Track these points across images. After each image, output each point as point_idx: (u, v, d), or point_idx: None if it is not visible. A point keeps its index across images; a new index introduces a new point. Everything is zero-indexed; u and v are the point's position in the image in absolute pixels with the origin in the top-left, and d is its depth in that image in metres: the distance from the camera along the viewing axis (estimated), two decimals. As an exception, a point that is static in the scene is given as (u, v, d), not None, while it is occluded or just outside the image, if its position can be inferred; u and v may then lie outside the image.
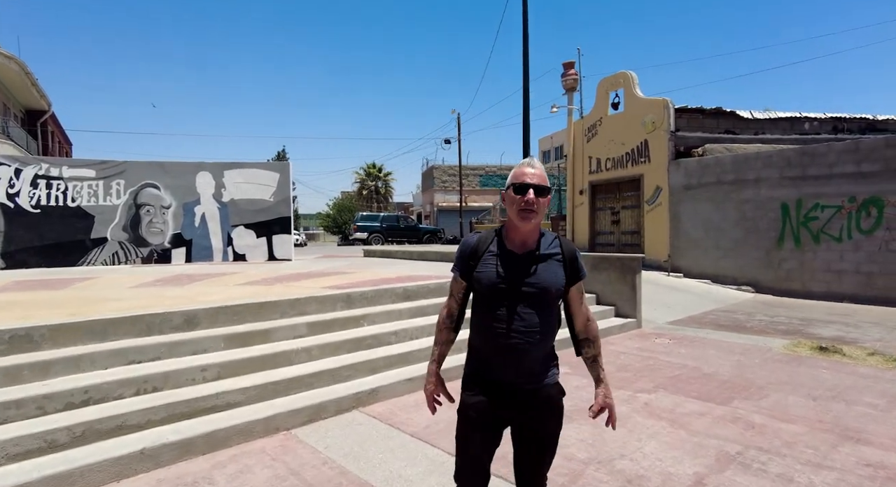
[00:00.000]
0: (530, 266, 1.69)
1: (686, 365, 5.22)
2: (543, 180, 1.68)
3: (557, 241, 1.77)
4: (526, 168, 1.69)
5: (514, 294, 1.66)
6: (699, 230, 11.72)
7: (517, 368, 1.68)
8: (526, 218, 1.65)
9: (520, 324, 1.65)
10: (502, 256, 1.71)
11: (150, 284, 6.21)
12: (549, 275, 1.69)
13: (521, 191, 1.65)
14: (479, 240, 1.80)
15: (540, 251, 1.72)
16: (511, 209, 1.70)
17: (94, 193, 9.35)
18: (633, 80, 13.23)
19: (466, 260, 1.77)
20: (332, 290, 5.41)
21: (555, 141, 38.66)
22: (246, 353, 4.05)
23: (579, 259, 1.78)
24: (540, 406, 1.73)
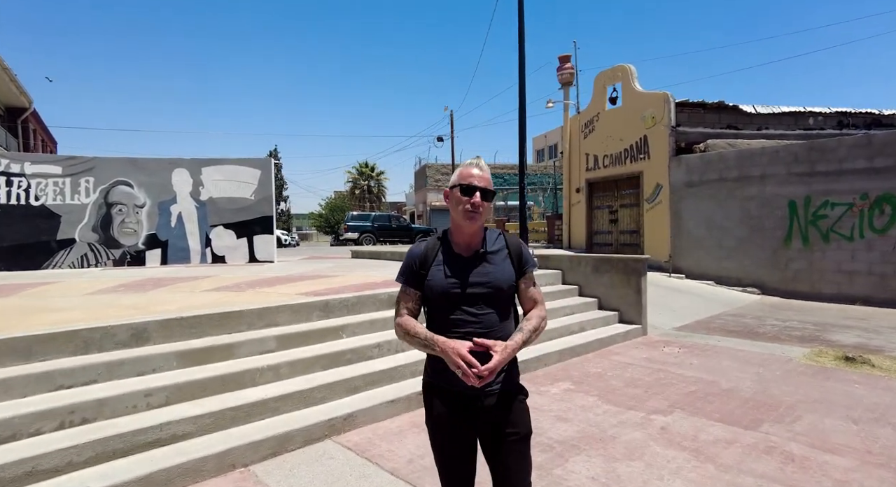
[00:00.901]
0: (479, 265, 1.71)
1: (701, 378, 4.72)
2: (489, 183, 1.72)
3: (502, 238, 1.80)
4: (473, 169, 1.71)
5: (467, 296, 1.67)
6: (701, 229, 11.25)
7: None
8: (471, 219, 1.67)
9: (478, 327, 1.65)
10: (450, 261, 1.72)
11: (109, 290, 5.64)
12: (500, 272, 1.71)
13: (467, 193, 1.67)
14: (426, 248, 1.78)
15: (486, 249, 1.73)
16: (455, 210, 1.71)
17: (61, 191, 8.72)
18: (631, 73, 12.75)
19: (416, 271, 1.75)
20: (308, 297, 4.86)
21: (549, 139, 38.24)
22: (202, 373, 3.50)
23: (525, 251, 1.81)
24: (504, 410, 1.69)
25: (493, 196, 1.73)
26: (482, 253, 1.73)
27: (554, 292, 6.84)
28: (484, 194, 1.68)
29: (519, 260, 1.77)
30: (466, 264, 1.71)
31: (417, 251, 1.79)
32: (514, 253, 1.77)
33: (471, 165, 1.73)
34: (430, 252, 1.76)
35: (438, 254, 1.74)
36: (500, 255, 1.75)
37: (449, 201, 1.75)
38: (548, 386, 4.59)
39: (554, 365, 5.24)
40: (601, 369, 5.13)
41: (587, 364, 5.34)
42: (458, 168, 1.77)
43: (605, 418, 3.78)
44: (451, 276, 1.68)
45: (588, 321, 6.35)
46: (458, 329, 1.65)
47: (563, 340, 5.75)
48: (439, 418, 1.71)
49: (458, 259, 1.72)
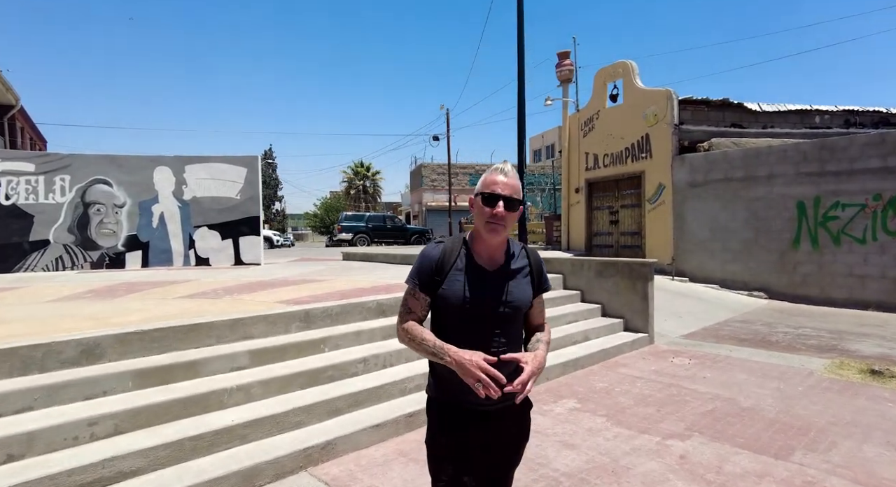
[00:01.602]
0: (503, 284, 1.60)
1: (718, 395, 4.32)
2: (516, 191, 1.55)
3: (524, 253, 1.69)
4: (498, 175, 1.56)
5: (485, 315, 1.57)
6: (705, 231, 10.88)
7: None
8: (494, 231, 1.54)
9: (494, 348, 1.54)
10: (471, 273, 1.59)
11: (76, 297, 5.20)
12: (521, 291, 1.62)
13: (490, 202, 1.53)
14: (444, 252, 1.63)
15: (511, 266, 1.63)
16: (479, 219, 1.58)
17: (34, 190, 8.26)
18: (633, 69, 12.37)
19: (431, 276, 1.61)
20: (288, 305, 4.44)
21: (546, 139, 37.89)
22: (161, 395, 3.07)
23: (545, 270, 1.73)
24: (510, 423, 1.64)
25: (519, 205, 1.56)
26: (506, 269, 1.62)
27: (555, 298, 6.44)
28: (509, 203, 1.52)
29: (539, 279, 1.69)
30: (489, 279, 1.59)
31: (434, 254, 1.64)
32: (536, 272, 1.68)
33: (496, 171, 1.57)
34: (448, 257, 1.62)
35: (458, 262, 1.61)
36: (522, 272, 1.64)
37: (473, 209, 1.62)
38: (551, 404, 4.18)
39: (557, 380, 4.84)
40: (608, 384, 4.73)
41: (592, 377, 4.94)
42: (483, 174, 1.63)
43: (616, 444, 3.38)
44: (471, 291, 1.56)
45: (592, 329, 5.95)
46: (467, 346, 1.50)
47: (566, 351, 5.35)
48: (452, 438, 1.61)
49: (480, 272, 1.60)
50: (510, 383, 1.43)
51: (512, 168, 1.61)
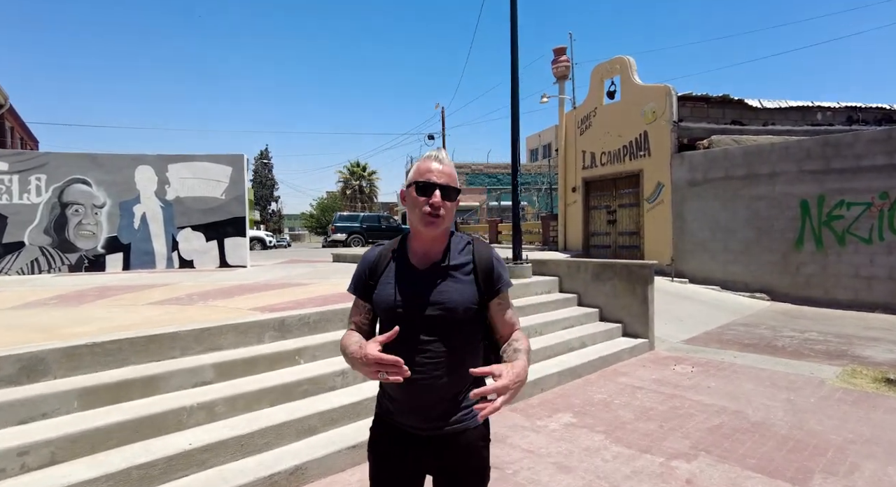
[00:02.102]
0: (433, 282, 1.41)
1: (724, 407, 4.02)
2: (452, 179, 1.42)
3: (470, 247, 1.48)
4: (432, 162, 1.41)
5: (413, 319, 1.38)
6: (706, 231, 10.60)
7: (424, 410, 1.40)
8: (431, 224, 1.38)
9: (422, 356, 1.37)
10: (402, 273, 1.45)
11: (39, 304, 4.87)
12: (457, 293, 1.41)
13: (425, 192, 1.38)
14: (379, 253, 1.51)
15: (447, 262, 1.44)
16: (413, 213, 1.41)
17: (7, 190, 7.91)
18: (630, 65, 12.08)
19: (365, 280, 1.50)
20: (263, 313, 4.13)
21: (543, 138, 37.63)
22: (110, 416, 2.76)
23: (497, 267, 1.48)
24: (455, 457, 1.43)
25: (457, 194, 1.43)
26: (442, 266, 1.43)
27: (550, 302, 6.14)
28: (446, 192, 1.38)
29: (487, 278, 1.45)
30: (419, 279, 1.43)
31: (370, 257, 1.53)
32: (482, 269, 1.45)
33: (429, 158, 1.43)
34: (382, 259, 1.49)
35: (392, 263, 1.48)
36: (463, 270, 1.44)
37: (405, 202, 1.45)
38: (545, 419, 3.88)
39: (552, 391, 4.54)
40: (606, 395, 4.43)
41: (590, 388, 4.64)
42: (415, 162, 1.48)
43: (616, 466, 3.07)
44: (399, 293, 1.42)
45: (589, 335, 5.65)
46: (402, 357, 1.31)
47: (562, 359, 5.05)
48: (388, 456, 1.47)
49: (411, 271, 1.44)
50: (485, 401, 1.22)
51: (447, 155, 1.45)
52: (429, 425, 1.41)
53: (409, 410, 1.42)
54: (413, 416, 1.42)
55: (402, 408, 1.43)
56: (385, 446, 1.48)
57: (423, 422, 1.41)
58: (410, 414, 1.42)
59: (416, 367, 1.35)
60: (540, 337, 5.35)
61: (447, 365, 1.38)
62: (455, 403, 1.42)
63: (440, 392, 1.39)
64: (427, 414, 1.41)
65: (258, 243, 23.08)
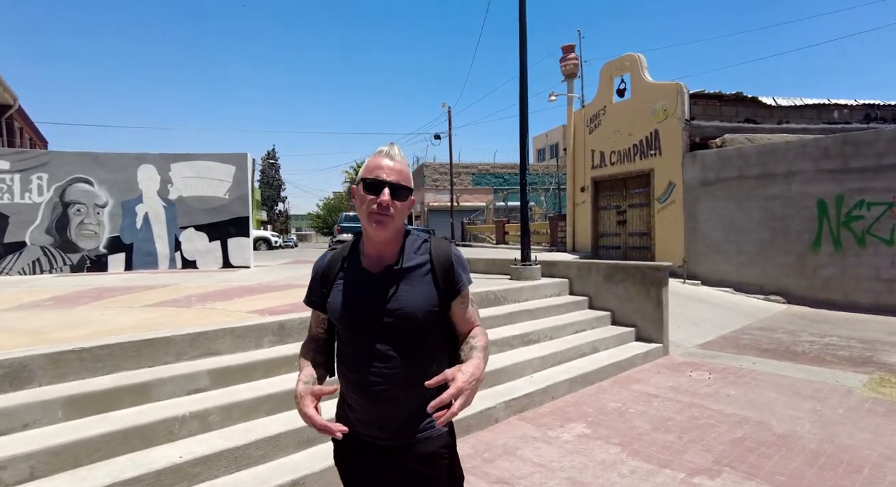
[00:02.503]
0: (388, 287, 1.31)
1: (746, 418, 3.81)
2: (404, 177, 1.31)
3: (426, 246, 1.38)
4: (383, 159, 1.31)
5: (368, 327, 1.30)
6: (718, 231, 10.34)
7: (386, 421, 1.32)
8: (380, 223, 1.27)
9: (380, 366, 1.29)
10: (354, 278, 1.36)
11: (33, 305, 4.74)
12: (414, 296, 1.31)
13: (373, 190, 1.28)
14: (331, 259, 1.42)
15: (402, 264, 1.34)
16: (361, 212, 1.31)
17: (9, 189, 7.83)
18: (641, 62, 11.85)
19: (319, 288, 1.42)
20: (262, 316, 3.97)
21: (550, 138, 37.38)
22: (96, 427, 2.60)
23: (457, 265, 1.37)
24: (420, 468, 1.35)
25: (408, 193, 1.33)
26: (395, 268, 1.34)
27: (561, 305, 5.94)
28: (395, 191, 1.29)
29: (447, 278, 1.36)
30: (373, 283, 1.34)
31: (321, 264, 1.44)
32: (440, 268, 1.36)
33: (380, 154, 1.33)
34: (333, 265, 1.41)
35: (343, 268, 1.39)
36: (419, 271, 1.35)
37: (355, 199, 1.34)
38: (557, 429, 3.69)
39: (563, 398, 4.34)
40: (621, 403, 4.23)
41: (603, 395, 4.44)
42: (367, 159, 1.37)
43: (633, 482, 2.88)
44: (352, 301, 1.33)
45: (601, 340, 5.44)
46: (355, 365, 1.32)
47: (573, 365, 4.85)
48: (352, 468, 1.41)
49: (363, 276, 1.35)
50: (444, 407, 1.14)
51: (400, 152, 1.35)
52: (391, 435, 1.34)
53: (369, 420, 1.34)
54: (374, 427, 1.34)
55: (363, 418, 1.35)
56: (348, 457, 1.41)
57: (384, 433, 1.34)
58: (371, 425, 1.34)
59: (375, 377, 1.29)
60: (550, 341, 5.15)
61: (408, 374, 1.30)
62: (418, 412, 1.33)
63: (402, 402, 1.31)
64: (389, 425, 1.33)
65: (264, 243, 23.00)
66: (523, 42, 7.02)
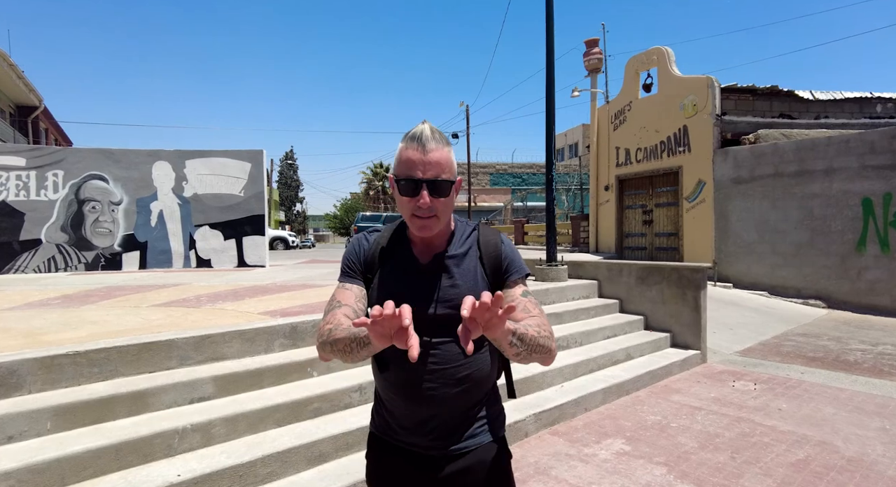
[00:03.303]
0: (438, 277, 1.20)
1: (806, 436, 3.42)
2: (443, 167, 1.13)
3: (475, 235, 1.28)
4: (415, 151, 1.12)
5: (419, 319, 1.06)
6: (752, 232, 9.84)
7: (432, 425, 1.19)
8: (425, 228, 1.15)
9: (434, 363, 1.16)
10: (403, 266, 1.23)
11: (39, 304, 4.56)
12: (464, 286, 1.20)
13: (409, 191, 1.13)
14: (375, 242, 1.28)
15: (452, 252, 1.23)
16: (403, 212, 1.18)
17: (25, 186, 7.75)
18: (668, 56, 11.38)
19: (358, 267, 1.25)
20: (273, 318, 3.70)
21: (569, 138, 36.81)
22: (87, 440, 2.35)
23: (506, 251, 1.26)
24: (470, 481, 1.21)
25: (450, 186, 1.15)
26: (445, 258, 1.22)
27: (590, 308, 5.57)
28: (435, 189, 1.12)
29: (495, 267, 1.24)
30: (423, 273, 1.21)
31: (362, 245, 1.28)
32: (488, 257, 1.24)
33: (411, 144, 1.12)
34: (377, 249, 1.26)
35: (390, 254, 1.25)
36: (466, 261, 1.23)
37: (394, 191, 1.18)
38: (593, 445, 3.34)
39: (597, 410, 3.99)
40: (660, 416, 3.86)
41: (640, 407, 4.07)
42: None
43: (687, 512, 2.52)
44: (399, 289, 1.18)
45: (634, 346, 5.07)
46: (404, 364, 1.14)
47: (607, 373, 4.49)
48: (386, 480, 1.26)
49: (411, 264, 1.23)
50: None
51: (434, 133, 1.14)
52: (436, 443, 1.20)
53: (413, 426, 1.21)
54: (418, 433, 1.21)
55: (405, 424, 1.23)
56: (386, 473, 1.26)
57: (430, 439, 1.20)
58: (415, 431, 1.21)
59: (422, 375, 1.17)
60: (580, 347, 4.80)
61: (457, 372, 1.18)
62: (468, 416, 1.23)
63: (451, 402, 1.19)
64: (435, 430, 1.20)
65: (281, 243, 22.98)
66: (550, 23, 6.66)
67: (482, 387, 1.24)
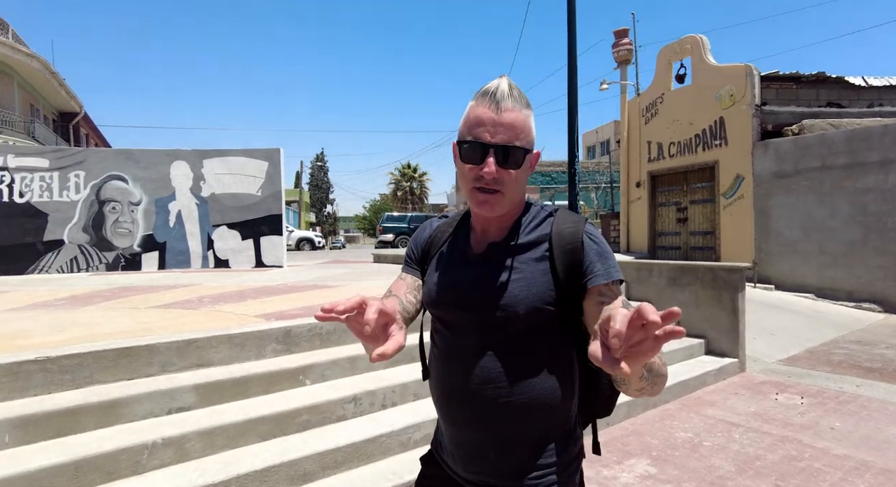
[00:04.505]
0: (486, 271, 0.99)
1: (866, 462, 2.96)
2: (518, 130, 0.92)
3: (549, 222, 1.01)
4: (487, 108, 0.92)
5: (456, 320, 1.01)
6: (796, 230, 9.16)
7: (466, 454, 1.01)
8: (486, 203, 0.95)
9: (463, 377, 0.97)
10: (452, 255, 1.06)
11: (42, 305, 4.47)
12: (518, 286, 0.95)
13: (473, 157, 0.93)
14: (437, 228, 1.15)
15: (508, 243, 1.00)
16: (462, 183, 0.98)
17: (48, 187, 7.83)
18: (703, 44, 10.75)
19: (416, 258, 1.14)
20: (266, 321, 3.47)
21: (600, 135, 35.91)
22: (45, 456, 2.14)
23: (589, 248, 0.94)
24: None
25: (524, 156, 0.93)
26: (501, 250, 0.99)
27: (616, 311, 5.16)
28: (506, 155, 0.92)
29: (570, 266, 0.93)
30: (472, 265, 1.02)
31: (423, 233, 1.15)
32: (561, 250, 0.94)
33: (484, 99, 0.92)
34: (439, 236, 1.11)
35: (447, 242, 1.08)
36: (531, 254, 0.97)
37: (456, 161, 0.98)
38: (614, 466, 2.98)
39: (620, 425, 3.61)
40: (692, 433, 3.45)
41: (669, 421, 3.67)
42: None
43: (723, 554, 2.14)
44: (443, 282, 1.03)
45: (665, 353, 4.63)
46: (439, 374, 1.03)
47: (631, 383, 4.08)
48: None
49: (463, 255, 1.05)
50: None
51: (512, 90, 0.92)
52: (475, 477, 1.00)
53: (452, 450, 1.04)
54: (456, 459, 1.03)
55: (446, 445, 1.07)
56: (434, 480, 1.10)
57: (467, 472, 1.01)
58: (454, 457, 1.03)
59: (455, 391, 0.99)
60: (604, 354, 4.41)
61: (501, 394, 0.95)
62: (519, 450, 0.97)
63: (491, 431, 0.97)
64: (473, 462, 1.00)
65: (307, 243, 23.12)
66: (572, 22, 6.30)
67: (539, 421, 0.98)
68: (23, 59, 19.59)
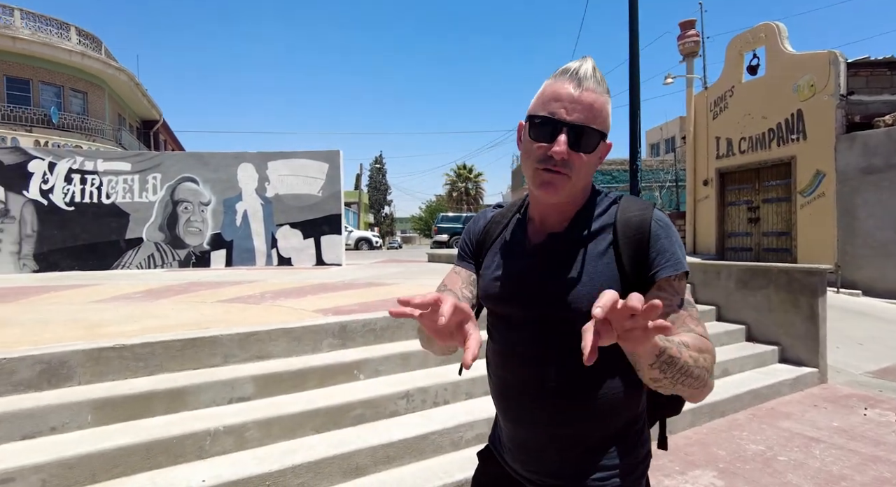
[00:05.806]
0: (545, 263, 0.94)
1: (972, 490, 2.63)
2: (595, 113, 0.86)
3: (613, 210, 0.94)
4: (565, 84, 0.86)
5: (512, 315, 0.97)
6: (888, 230, 8.35)
7: (525, 454, 0.98)
8: (549, 185, 0.88)
9: (521, 373, 0.95)
10: (509, 246, 1.01)
11: (122, 297, 4.82)
12: (579, 279, 0.89)
13: (543, 134, 0.87)
14: (492, 219, 1.09)
15: (573, 235, 0.93)
16: (526, 165, 0.91)
17: (130, 189, 8.45)
18: (780, 32, 10.04)
19: (470, 250, 1.09)
20: (323, 316, 3.56)
21: (665, 132, 34.43)
22: (122, 436, 2.29)
23: (657, 235, 0.88)
24: None
25: (598, 141, 0.86)
26: (562, 241, 0.93)
27: (679, 314, 4.90)
28: (578, 136, 0.85)
29: (637, 256, 0.87)
30: (529, 257, 0.96)
31: (480, 222, 1.10)
32: (627, 241, 0.88)
33: (563, 76, 0.87)
34: (494, 226, 1.06)
35: (504, 232, 1.03)
36: (595, 245, 0.91)
37: (520, 146, 0.93)
38: (677, 477, 2.81)
39: (683, 433, 3.41)
40: (764, 446, 3.21)
41: (739, 432, 3.43)
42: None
43: None
44: (498, 275, 0.99)
45: (734, 360, 4.36)
46: (496, 370, 1.01)
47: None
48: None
49: (520, 246, 0.99)
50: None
51: (594, 72, 0.86)
52: (534, 476, 0.97)
53: (511, 448, 1.01)
54: (516, 459, 1.00)
55: (506, 443, 1.04)
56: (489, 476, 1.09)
57: (527, 472, 0.98)
58: (513, 455, 1.01)
59: (513, 388, 0.97)
60: (666, 359, 4.20)
61: (562, 391, 0.91)
62: (583, 451, 0.93)
63: (552, 430, 0.93)
64: (532, 461, 0.97)
65: (365, 243, 23.70)
66: (633, 11, 6.06)
67: (605, 421, 0.93)
68: (113, 72, 21.34)
